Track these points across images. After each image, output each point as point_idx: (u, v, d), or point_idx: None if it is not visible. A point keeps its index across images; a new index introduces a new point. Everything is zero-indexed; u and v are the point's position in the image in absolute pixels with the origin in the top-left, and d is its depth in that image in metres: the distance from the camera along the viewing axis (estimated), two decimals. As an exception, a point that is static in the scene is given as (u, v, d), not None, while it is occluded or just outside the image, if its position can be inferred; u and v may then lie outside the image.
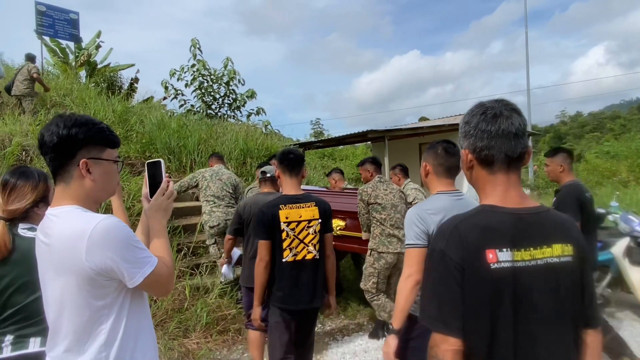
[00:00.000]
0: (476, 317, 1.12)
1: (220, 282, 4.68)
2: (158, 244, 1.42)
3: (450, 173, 2.24)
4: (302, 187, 3.01)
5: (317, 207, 2.79)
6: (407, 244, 2.10)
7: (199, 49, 12.48)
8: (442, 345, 1.13)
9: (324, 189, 6.04)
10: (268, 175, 3.63)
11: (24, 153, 5.26)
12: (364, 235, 4.36)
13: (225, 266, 4.35)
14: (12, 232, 1.67)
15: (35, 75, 7.90)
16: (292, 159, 2.84)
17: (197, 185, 5.18)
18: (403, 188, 4.93)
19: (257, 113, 13.47)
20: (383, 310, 4.14)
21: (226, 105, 13.14)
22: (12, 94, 7.88)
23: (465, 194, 2.26)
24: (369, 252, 4.14)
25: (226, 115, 13.05)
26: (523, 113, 1.24)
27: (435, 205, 2.13)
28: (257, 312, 2.82)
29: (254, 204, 3.45)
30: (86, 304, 1.25)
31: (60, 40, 11.91)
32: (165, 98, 13.09)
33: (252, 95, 13.02)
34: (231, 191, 5.09)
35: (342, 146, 18.87)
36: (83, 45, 12.51)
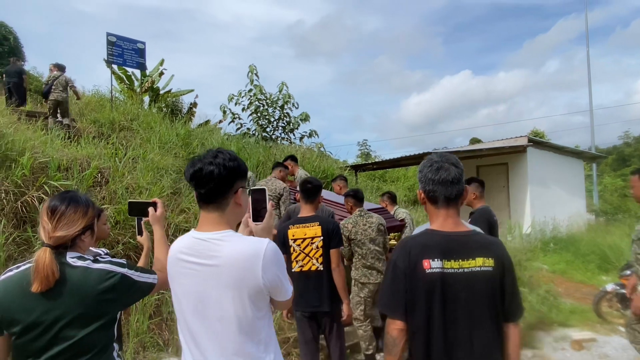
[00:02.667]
0: (417, 306, 1.58)
1: None
2: None
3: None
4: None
5: (320, 227, 3.25)
6: None
7: (256, 74, 12.88)
8: (391, 325, 1.63)
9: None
10: None
11: (99, 175, 5.54)
12: (345, 262, 4.53)
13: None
14: (59, 261, 1.53)
15: (74, 87, 9.19)
16: (309, 189, 3.38)
17: None
18: (393, 213, 5.63)
19: (310, 135, 13.63)
20: (363, 341, 4.29)
21: (280, 128, 13.39)
22: (49, 99, 8.75)
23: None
24: (353, 281, 4.34)
25: (280, 138, 13.29)
26: (460, 165, 1.72)
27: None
28: None
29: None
30: (253, 315, 1.44)
31: (127, 68, 12.67)
32: (221, 121, 13.55)
33: (305, 118, 13.21)
34: None
35: (393, 168, 18.65)
36: (147, 72, 13.24)
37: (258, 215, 1.64)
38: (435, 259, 1.57)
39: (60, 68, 9.17)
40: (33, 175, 4.80)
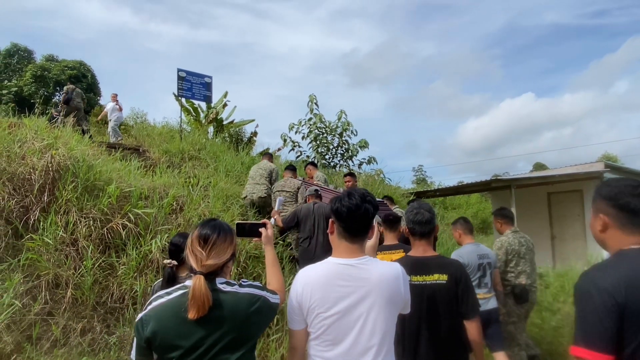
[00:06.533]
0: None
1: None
2: None
3: (471, 234, 4.08)
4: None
5: (404, 254, 3.34)
6: None
7: (315, 103, 13.15)
8: None
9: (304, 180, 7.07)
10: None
11: (174, 203, 5.77)
12: None
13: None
14: (211, 287, 1.58)
15: (85, 99, 11.98)
16: (391, 220, 3.82)
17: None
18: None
19: (369, 162, 13.60)
20: None
21: (339, 155, 13.47)
22: (71, 105, 10.92)
23: (481, 244, 4.04)
24: None
25: (339, 165, 13.34)
26: (433, 210, 2.45)
27: (462, 250, 3.98)
28: None
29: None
30: (394, 328, 1.71)
31: (194, 101, 13.34)
32: (279, 149, 13.85)
33: (364, 145, 13.23)
34: (262, 171, 6.81)
35: (456, 195, 18.14)
36: (212, 104, 13.87)
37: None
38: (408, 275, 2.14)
39: (73, 82, 12.69)
40: (117, 204, 5.08)
